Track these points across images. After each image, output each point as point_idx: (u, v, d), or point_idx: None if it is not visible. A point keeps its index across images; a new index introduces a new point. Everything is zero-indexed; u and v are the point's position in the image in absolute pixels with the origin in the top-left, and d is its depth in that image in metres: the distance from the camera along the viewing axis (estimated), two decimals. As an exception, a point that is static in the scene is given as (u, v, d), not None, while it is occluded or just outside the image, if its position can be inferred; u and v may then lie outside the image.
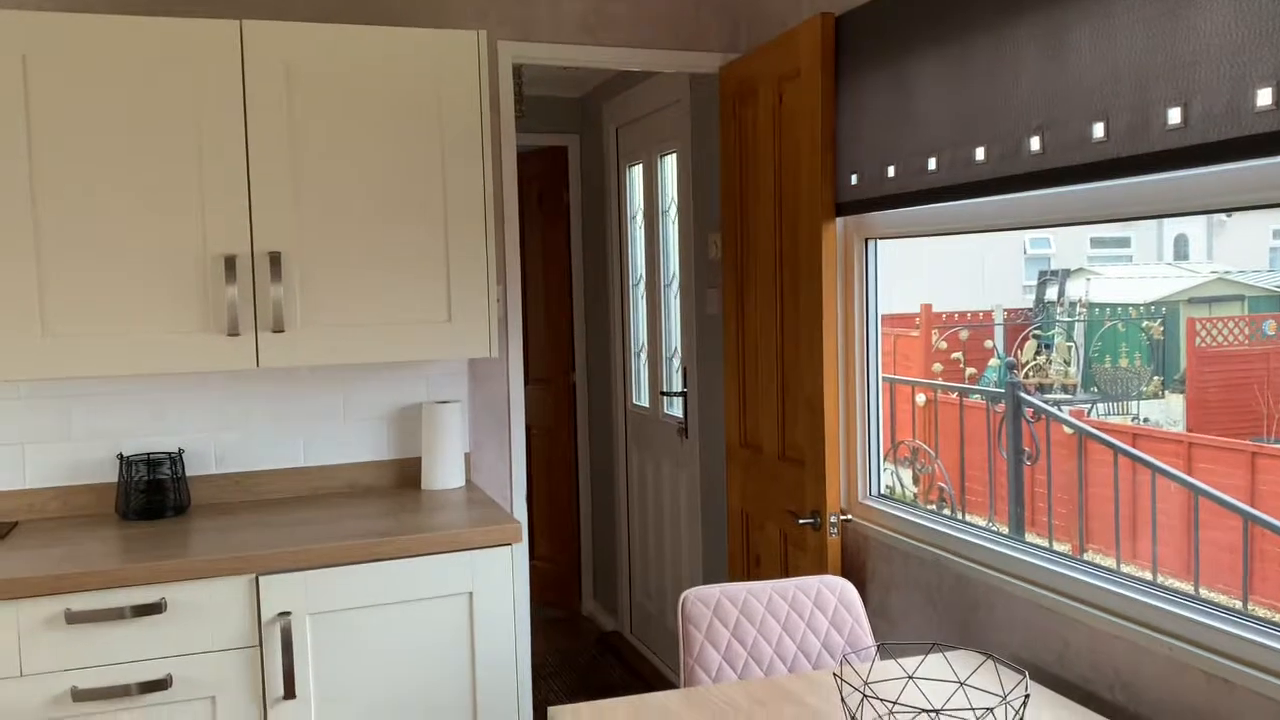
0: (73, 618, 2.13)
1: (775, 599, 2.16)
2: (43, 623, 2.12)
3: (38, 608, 2.12)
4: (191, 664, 2.21)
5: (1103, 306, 8.11)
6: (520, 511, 2.98)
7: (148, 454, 2.64)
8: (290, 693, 2.25)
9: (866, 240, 2.62)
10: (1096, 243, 10.60)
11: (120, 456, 2.62)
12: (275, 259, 2.44)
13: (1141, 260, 10.50)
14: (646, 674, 4.29)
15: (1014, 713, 1.54)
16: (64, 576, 2.12)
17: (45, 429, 2.63)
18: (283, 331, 2.45)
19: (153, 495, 2.59)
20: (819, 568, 2.63)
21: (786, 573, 2.82)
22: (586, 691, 4.10)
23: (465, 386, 2.94)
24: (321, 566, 2.28)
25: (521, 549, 2.45)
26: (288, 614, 2.25)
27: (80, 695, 2.14)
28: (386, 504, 2.67)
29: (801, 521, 2.64)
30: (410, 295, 2.56)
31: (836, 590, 2.20)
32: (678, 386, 3.97)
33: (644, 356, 4.36)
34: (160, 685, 2.18)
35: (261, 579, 2.24)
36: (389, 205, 2.54)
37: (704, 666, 2.09)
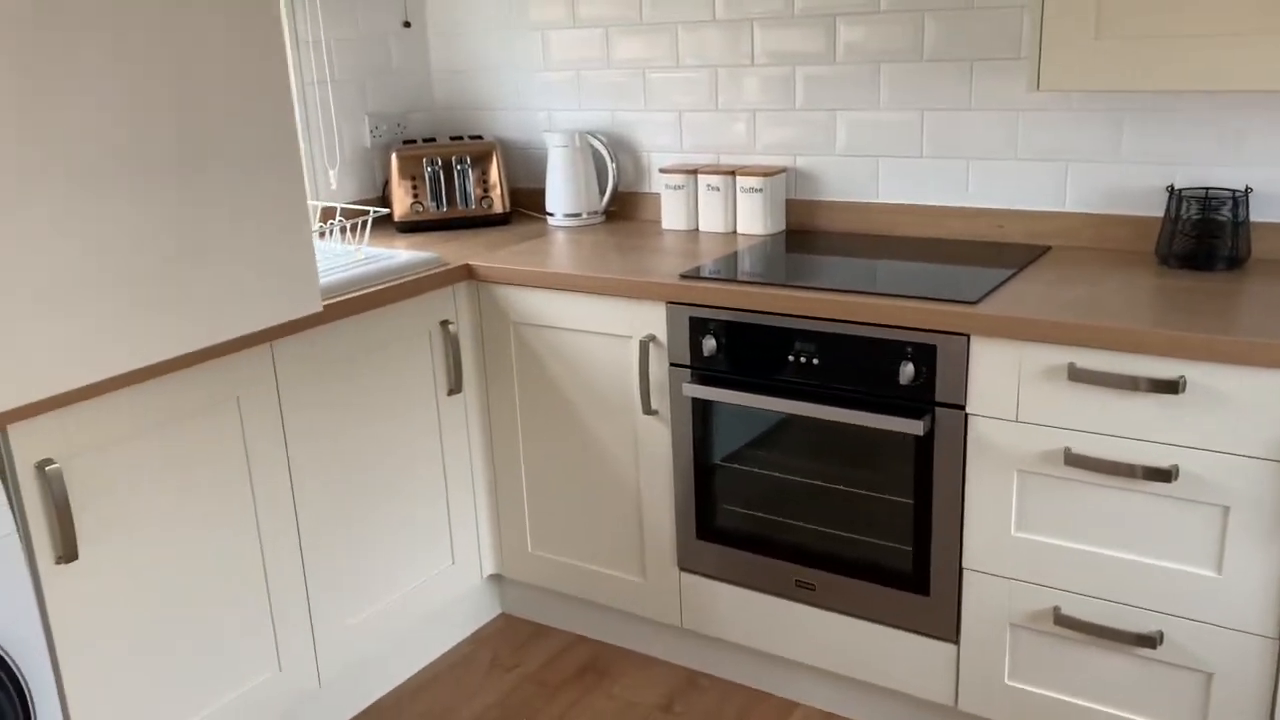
0: (1076, 374, 1.85)
1: None
2: (1044, 371, 1.89)
3: (1042, 354, 1.89)
4: (1204, 461, 1.79)
5: None
6: None
7: (1205, 189, 2.15)
8: (1329, 536, 1.69)
9: None
10: None
11: (1170, 189, 2.17)
12: None
13: None
14: None
15: None
16: (1074, 326, 1.84)
17: (1091, 147, 2.30)
18: None
19: (1202, 240, 2.12)
20: None
21: None
22: None
23: None
24: None
25: None
26: (1347, 437, 1.65)
27: (1073, 459, 1.89)
28: None
29: None
30: None
31: None
32: None
33: None
34: (1163, 475, 1.81)
35: (1317, 383, 1.66)
36: None
37: None
